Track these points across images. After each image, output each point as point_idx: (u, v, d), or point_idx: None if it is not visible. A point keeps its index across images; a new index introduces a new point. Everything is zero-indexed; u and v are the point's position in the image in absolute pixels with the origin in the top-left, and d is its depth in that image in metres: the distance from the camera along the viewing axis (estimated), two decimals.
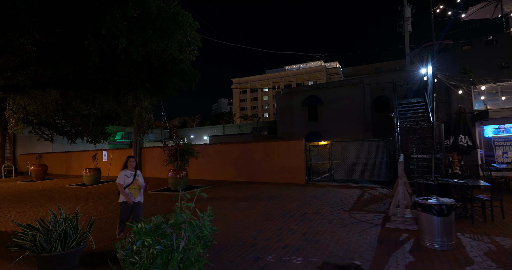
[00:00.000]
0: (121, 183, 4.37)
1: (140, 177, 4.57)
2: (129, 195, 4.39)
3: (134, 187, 4.46)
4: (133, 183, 4.43)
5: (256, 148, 10.63)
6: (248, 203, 6.82)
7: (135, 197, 4.45)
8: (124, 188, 4.38)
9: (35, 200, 8.30)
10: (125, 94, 7.66)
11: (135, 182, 4.45)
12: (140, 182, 4.53)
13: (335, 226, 4.78)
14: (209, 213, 2.21)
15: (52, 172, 17.34)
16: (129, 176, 4.43)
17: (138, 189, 4.53)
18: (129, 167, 4.53)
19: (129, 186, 4.42)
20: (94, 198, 8.30)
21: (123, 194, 4.35)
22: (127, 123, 9.96)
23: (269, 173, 10.29)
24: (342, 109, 26.37)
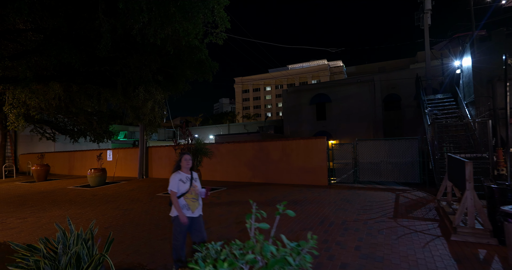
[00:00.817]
0: (174, 190, 3.05)
1: (197, 181, 3.29)
2: (185, 207, 3.07)
3: (192, 196, 3.12)
4: (190, 191, 3.10)
5: (272, 147, 9.93)
6: (274, 208, 6.11)
7: (194, 210, 3.12)
8: (178, 198, 3.08)
9: (37, 203, 7.62)
10: (136, 88, 6.97)
11: (192, 190, 3.11)
12: (198, 188, 3.22)
13: (389, 238, 4.07)
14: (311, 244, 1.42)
15: (54, 172, 16.69)
16: (185, 180, 3.12)
17: (197, 198, 3.17)
18: (184, 168, 3.19)
19: (185, 195, 3.07)
20: (101, 201, 7.61)
21: (176, 207, 3.04)
22: (135, 120, 9.28)
23: (288, 174, 9.59)
24: (351, 108, 25.64)
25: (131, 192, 8.99)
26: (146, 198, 7.84)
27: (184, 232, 3.11)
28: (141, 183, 11.05)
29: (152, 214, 5.92)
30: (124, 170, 13.60)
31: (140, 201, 7.43)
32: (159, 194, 8.35)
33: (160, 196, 8.02)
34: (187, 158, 3.22)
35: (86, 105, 9.89)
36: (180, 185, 3.07)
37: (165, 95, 7.86)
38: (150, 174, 12.91)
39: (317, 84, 28.04)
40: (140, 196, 8.20)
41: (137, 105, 7.24)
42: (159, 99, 7.33)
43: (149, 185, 10.37)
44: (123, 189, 9.69)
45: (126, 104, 9.26)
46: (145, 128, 12.65)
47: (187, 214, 3.03)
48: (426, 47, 14.32)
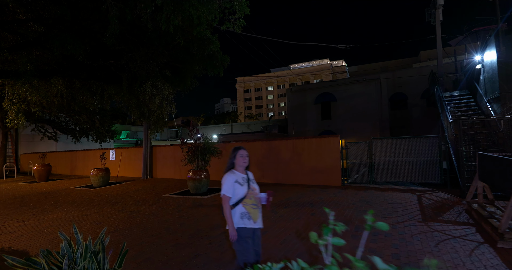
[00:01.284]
0: (228, 195, 2.37)
1: (255, 183, 2.62)
2: (246, 216, 2.37)
3: (252, 201, 2.42)
4: (249, 195, 2.41)
5: (283, 147, 9.54)
6: (291, 210, 5.73)
7: (256, 219, 2.42)
8: (235, 205, 2.38)
9: (38, 204, 7.25)
10: (142, 83, 6.59)
11: (250, 193, 2.43)
12: (257, 191, 2.54)
13: (427, 245, 3.67)
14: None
15: (56, 172, 16.35)
16: (242, 182, 2.47)
17: (258, 204, 2.48)
18: (240, 167, 2.58)
19: (244, 200, 2.39)
20: (105, 202, 7.24)
21: (228, 218, 2.35)
22: (140, 117, 8.91)
23: (299, 174, 9.20)
24: (357, 107, 25.24)
25: (136, 192, 8.62)
26: (153, 199, 7.46)
27: (251, 247, 2.40)
28: (146, 183, 10.68)
29: (160, 217, 5.55)
30: (128, 170, 13.24)
31: (147, 202, 7.06)
32: (165, 195, 7.97)
33: (167, 197, 7.65)
34: (243, 154, 2.59)
35: (89, 102, 9.53)
36: (237, 188, 2.39)
37: (173, 90, 7.47)
38: (154, 174, 12.54)
39: (322, 83, 27.65)
40: (146, 197, 7.83)
41: (144, 101, 6.86)
42: (167, 95, 6.94)
43: (154, 185, 10.00)
44: (128, 189, 9.32)
45: (131, 101, 8.89)
46: (150, 126, 12.29)
47: (247, 225, 2.35)
48: (438, 44, 13.89)
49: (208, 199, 7.14)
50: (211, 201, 6.95)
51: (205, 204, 6.63)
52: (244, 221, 2.36)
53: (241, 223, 2.37)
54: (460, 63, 14.52)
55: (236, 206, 2.39)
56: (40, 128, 18.43)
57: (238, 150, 2.64)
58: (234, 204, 2.40)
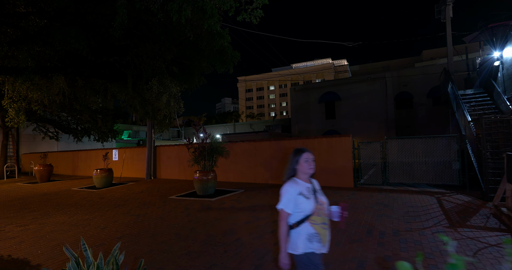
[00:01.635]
0: (287, 211, 1.86)
1: (323, 195, 2.05)
2: (315, 238, 1.83)
3: (321, 219, 1.88)
4: (316, 211, 1.87)
5: (292, 146, 9.23)
6: None
7: (325, 242, 1.88)
8: (299, 223, 1.85)
9: (39, 207, 6.97)
10: (148, 80, 6.29)
11: (319, 208, 1.89)
12: (327, 205, 1.98)
13: (463, 254, 3.36)
14: None
15: (57, 173, 16.09)
16: (308, 194, 1.90)
17: (328, 223, 1.93)
18: (303, 174, 2.03)
19: (311, 218, 1.85)
20: (109, 205, 6.95)
21: (282, 240, 1.85)
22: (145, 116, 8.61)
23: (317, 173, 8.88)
24: (362, 106, 24.92)
25: (140, 194, 8.33)
26: (159, 201, 7.17)
27: None
28: (150, 184, 10.39)
29: (169, 221, 5.25)
30: (131, 171, 12.96)
31: (153, 205, 6.76)
32: (172, 197, 7.67)
33: (174, 200, 7.35)
34: (308, 158, 2.03)
35: (91, 101, 9.24)
36: (301, 202, 1.83)
37: (180, 88, 7.13)
38: (158, 174, 12.25)
39: (326, 82, 27.32)
40: (151, 199, 7.53)
41: (150, 99, 6.55)
42: (174, 92, 6.63)
43: (159, 186, 9.71)
44: (132, 191, 9.03)
45: (135, 99, 8.59)
46: (153, 125, 11.99)
47: (318, 250, 1.82)
48: (448, 41, 13.56)
49: (217, 202, 6.84)
50: (220, 203, 6.65)
51: (214, 207, 6.33)
52: (313, 245, 1.81)
53: (309, 248, 1.80)
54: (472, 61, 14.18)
55: (300, 225, 1.83)
56: (41, 127, 18.16)
57: (302, 153, 2.08)
58: (298, 222, 1.84)
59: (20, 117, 6.95)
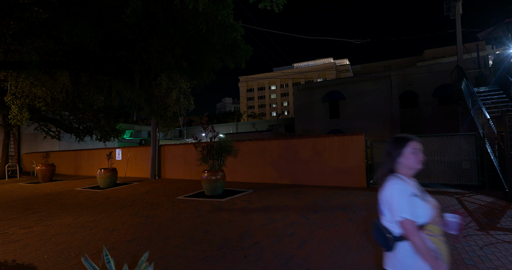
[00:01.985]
0: (412, 219, 1.38)
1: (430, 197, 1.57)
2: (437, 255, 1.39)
3: (438, 229, 1.46)
4: (435, 219, 1.46)
5: (302, 145, 8.98)
6: (323, 216, 5.16)
7: (446, 260, 1.43)
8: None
9: (43, 208, 6.72)
10: (156, 75, 6.03)
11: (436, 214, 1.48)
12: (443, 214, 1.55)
13: (506, 260, 3.11)
14: None
15: (60, 172, 15.85)
16: (421, 195, 1.50)
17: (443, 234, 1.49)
18: (409, 170, 1.56)
19: (427, 227, 1.44)
20: (115, 205, 6.69)
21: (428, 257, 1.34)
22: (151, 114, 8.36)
23: (319, 174, 8.64)
24: (366, 105, 24.67)
25: (147, 194, 8.08)
26: (167, 202, 6.91)
27: None
28: (155, 184, 10.14)
29: (180, 223, 4.99)
30: (135, 170, 12.71)
31: (161, 206, 6.51)
32: (179, 197, 7.42)
33: (182, 200, 7.09)
34: (417, 148, 1.54)
35: (95, 99, 8.99)
36: (417, 206, 1.42)
37: (190, 84, 6.86)
38: (163, 174, 12.01)
39: (330, 81, 27.07)
40: (158, 199, 7.28)
41: (159, 95, 6.29)
42: (184, 88, 6.37)
43: (165, 186, 9.46)
44: (137, 191, 8.78)
45: (141, 96, 8.35)
46: (158, 124, 11.75)
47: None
48: (458, 38, 13.29)
49: (227, 202, 6.58)
50: (231, 204, 6.39)
51: (225, 208, 6.07)
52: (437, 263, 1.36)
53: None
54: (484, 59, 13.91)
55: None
56: (43, 127, 17.94)
57: (407, 142, 1.55)
58: None
59: (23, 114, 6.70)
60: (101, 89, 9.21)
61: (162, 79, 5.83)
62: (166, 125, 8.72)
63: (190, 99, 6.83)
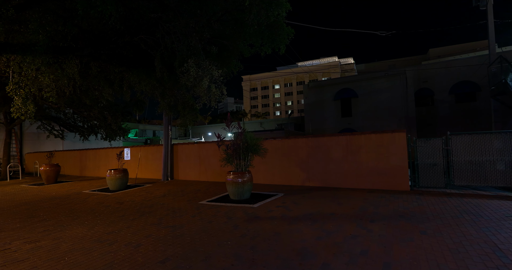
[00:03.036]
0: None
1: None
2: None
3: None
4: None
5: (333, 144, 8.13)
6: (385, 227, 4.31)
7: None
8: None
9: (50, 214, 5.90)
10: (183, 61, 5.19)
11: None
12: None
13: None
14: None
15: (64, 173, 15.05)
16: None
17: None
18: None
19: None
20: (132, 212, 5.86)
21: None
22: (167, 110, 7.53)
23: (354, 176, 7.79)
24: (380, 103, 23.80)
25: (164, 199, 7.25)
26: (190, 208, 6.08)
27: None
28: (170, 186, 9.31)
29: (216, 236, 4.15)
30: (145, 171, 11.89)
31: (185, 212, 5.67)
32: (202, 202, 6.58)
33: (207, 206, 6.25)
34: None
35: (105, 93, 8.16)
36: None
37: (222, 71, 5.97)
38: (175, 175, 11.18)
39: (341, 78, 26.20)
40: (180, 204, 6.45)
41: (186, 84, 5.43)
42: (216, 76, 5.50)
43: (182, 189, 8.62)
44: (152, 194, 7.95)
45: (157, 89, 7.53)
46: (170, 121, 10.93)
47: None
48: (490, 29, 12.42)
49: (261, 209, 5.74)
50: (265, 211, 5.55)
51: (261, 215, 5.23)
52: None
53: None
54: None
55: None
56: (46, 125, 17.16)
57: None
58: None
59: (28, 107, 5.86)
60: (112, 82, 8.39)
61: (190, 65, 5.00)
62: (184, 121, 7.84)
63: (222, 89, 5.99)
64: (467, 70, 22.28)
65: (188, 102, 7.23)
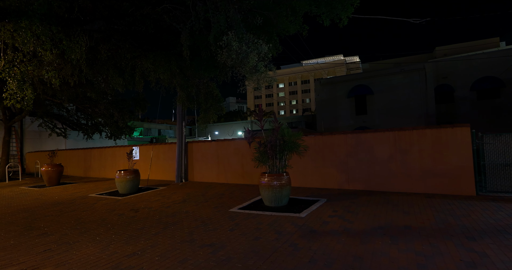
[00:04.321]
0: None
1: None
2: None
3: None
4: None
5: (378, 141, 7.05)
6: (495, 246, 3.23)
7: None
8: None
9: (53, 226, 4.84)
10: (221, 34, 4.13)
11: None
12: None
13: None
14: None
15: (67, 174, 14.03)
16: None
17: None
18: None
19: None
20: (152, 223, 4.80)
21: None
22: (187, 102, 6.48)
23: (404, 178, 6.70)
24: (397, 100, 22.65)
25: (186, 205, 6.18)
26: (222, 217, 5.00)
27: None
28: (187, 189, 8.25)
29: (277, 262, 3.07)
30: (156, 172, 10.84)
31: (218, 224, 4.60)
32: (234, 210, 5.50)
33: (241, 215, 5.17)
34: None
35: (115, 83, 7.13)
36: None
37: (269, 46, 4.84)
38: (190, 176, 10.11)
39: (355, 75, 25.08)
40: (207, 213, 5.37)
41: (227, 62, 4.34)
42: (265, 52, 4.41)
43: (202, 193, 7.55)
44: (170, 199, 6.89)
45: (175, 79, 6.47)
46: (184, 117, 9.86)
47: None
48: None
49: (312, 219, 4.65)
50: (319, 222, 4.47)
51: (317, 229, 4.15)
52: None
53: None
54: None
55: None
56: (48, 123, 16.15)
57: None
58: None
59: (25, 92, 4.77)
60: (122, 70, 7.35)
61: (230, 39, 3.93)
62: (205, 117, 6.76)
63: (272, 68, 4.89)
64: (489, 65, 21.15)
65: (212, 92, 6.20)
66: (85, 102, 12.25)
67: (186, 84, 6.42)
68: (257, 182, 8.61)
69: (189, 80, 6.36)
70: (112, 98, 12.72)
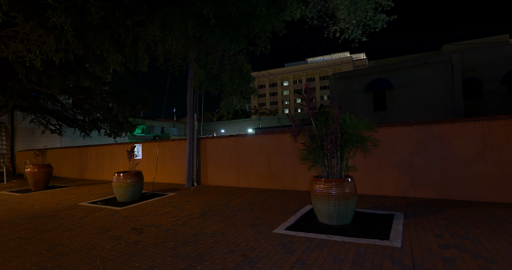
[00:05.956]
0: None
1: None
2: None
3: None
4: None
5: (457, 134, 5.35)
6: None
7: None
8: None
9: (13, 260, 3.17)
10: None
11: None
12: None
13: None
14: None
15: (60, 175, 12.40)
16: None
17: None
18: None
19: None
20: (164, 254, 3.12)
21: None
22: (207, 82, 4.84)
23: (497, 183, 5.01)
24: (421, 95, 20.93)
25: (206, 221, 4.49)
26: (268, 246, 3.31)
27: None
28: (203, 196, 6.57)
29: None
30: (162, 173, 9.18)
31: (269, 259, 2.91)
32: (279, 232, 3.81)
33: (294, 240, 3.48)
34: None
35: (112, 60, 5.49)
36: None
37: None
38: (203, 179, 8.44)
39: (373, 68, 23.38)
40: (242, 236, 3.68)
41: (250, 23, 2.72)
42: None
43: (224, 202, 5.86)
44: (184, 211, 5.20)
45: (191, 51, 4.82)
46: (196, 108, 8.20)
47: None
48: None
49: (419, 254, 2.96)
50: (434, 259, 2.78)
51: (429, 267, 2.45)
52: None
53: None
54: None
55: None
56: (40, 118, 14.56)
57: None
58: None
59: None
60: (121, 44, 5.69)
61: None
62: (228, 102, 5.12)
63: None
64: None
65: (241, 67, 4.58)
66: (79, 93, 10.61)
67: (205, 59, 4.75)
68: (288, 187, 6.94)
69: (209, 53, 4.70)
70: (110, 88, 11.07)
